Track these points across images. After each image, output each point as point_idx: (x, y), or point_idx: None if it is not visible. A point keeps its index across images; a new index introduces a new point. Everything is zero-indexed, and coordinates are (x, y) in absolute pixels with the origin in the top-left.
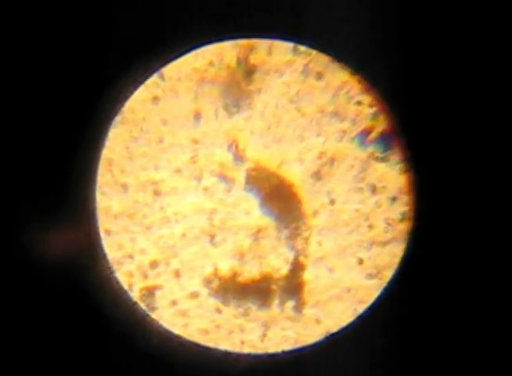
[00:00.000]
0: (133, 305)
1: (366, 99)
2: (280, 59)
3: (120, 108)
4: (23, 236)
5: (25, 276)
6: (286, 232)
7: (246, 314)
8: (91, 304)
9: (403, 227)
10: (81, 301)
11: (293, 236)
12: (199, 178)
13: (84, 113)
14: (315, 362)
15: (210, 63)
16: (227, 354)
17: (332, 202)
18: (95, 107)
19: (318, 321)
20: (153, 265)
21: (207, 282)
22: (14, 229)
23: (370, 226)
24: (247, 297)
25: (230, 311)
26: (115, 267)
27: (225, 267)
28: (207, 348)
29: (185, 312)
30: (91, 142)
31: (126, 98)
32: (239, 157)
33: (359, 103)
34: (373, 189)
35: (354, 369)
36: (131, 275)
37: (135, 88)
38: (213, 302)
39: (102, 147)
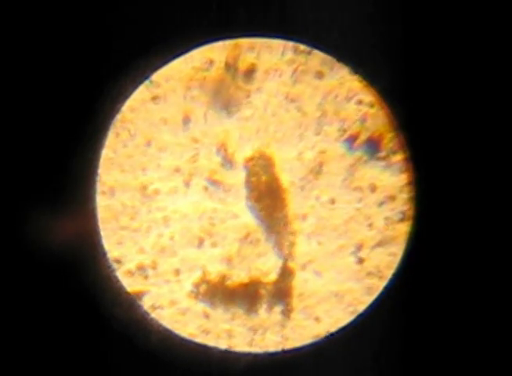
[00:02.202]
0: (132, 304)
1: (366, 98)
2: (280, 58)
3: (119, 108)
4: (23, 236)
5: (26, 278)
6: (275, 235)
7: (233, 319)
8: (90, 302)
9: (403, 226)
10: (80, 299)
11: (283, 239)
12: (188, 182)
13: (83, 112)
14: (314, 361)
15: (207, 64)
16: (227, 353)
17: (332, 201)
18: (94, 107)
19: (317, 320)
20: (141, 268)
21: (195, 286)
22: (13, 230)
23: (370, 225)
24: (235, 301)
25: (218, 316)
26: (115, 266)
27: (214, 271)
28: (206, 347)
29: (171, 316)
30: (91, 141)
31: (125, 97)
32: (228, 161)
33: (359, 102)
34: (373, 189)
35: (354, 369)
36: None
37: (134, 87)
38: (200, 307)
39: (101, 147)
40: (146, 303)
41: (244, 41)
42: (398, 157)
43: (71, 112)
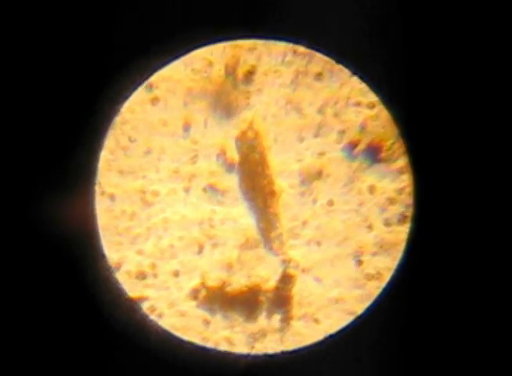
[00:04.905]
0: (132, 307)
1: (366, 100)
2: (280, 60)
3: (118, 109)
4: (22, 237)
5: (26, 279)
6: (276, 240)
7: (233, 326)
8: (90, 304)
9: (402, 228)
10: (81, 302)
11: (281, 243)
12: (187, 186)
13: (83, 113)
14: (314, 363)
15: (206, 66)
16: (227, 354)
17: (330, 203)
18: (94, 108)
19: (316, 322)
20: (140, 275)
21: (195, 293)
22: (12, 231)
23: (369, 227)
24: (235, 308)
25: (217, 323)
26: (114, 269)
27: (213, 277)
28: (206, 349)
29: (171, 318)
30: (90, 143)
31: (124, 99)
32: (227, 164)
33: (359, 104)
34: (372, 190)
35: (353, 370)
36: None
37: (134, 89)
38: (200, 314)
39: (100, 148)
40: (145, 305)
41: (244, 43)
42: (398, 160)
43: (70, 113)
